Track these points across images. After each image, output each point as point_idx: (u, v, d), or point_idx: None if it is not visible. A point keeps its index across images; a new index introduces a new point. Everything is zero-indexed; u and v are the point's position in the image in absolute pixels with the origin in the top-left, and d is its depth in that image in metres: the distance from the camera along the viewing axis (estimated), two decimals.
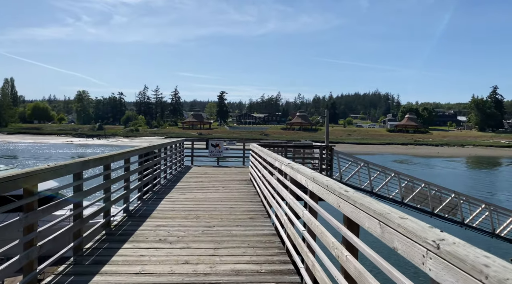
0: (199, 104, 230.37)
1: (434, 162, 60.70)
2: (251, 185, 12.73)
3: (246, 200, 10.19)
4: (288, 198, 5.75)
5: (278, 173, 7.11)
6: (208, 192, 11.30)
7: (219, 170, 17.38)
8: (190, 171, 16.43)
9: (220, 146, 19.32)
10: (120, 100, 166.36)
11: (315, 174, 4.30)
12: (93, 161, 6.14)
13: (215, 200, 10.12)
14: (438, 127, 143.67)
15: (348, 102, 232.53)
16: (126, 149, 8.61)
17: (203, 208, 9.04)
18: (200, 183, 13.20)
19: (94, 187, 6.38)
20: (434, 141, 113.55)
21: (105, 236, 6.51)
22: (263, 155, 9.62)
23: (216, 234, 6.80)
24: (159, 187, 11.97)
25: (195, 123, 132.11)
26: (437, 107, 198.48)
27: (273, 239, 6.57)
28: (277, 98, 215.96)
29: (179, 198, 10.31)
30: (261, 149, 10.52)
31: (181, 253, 5.71)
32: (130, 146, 61.66)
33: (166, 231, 6.88)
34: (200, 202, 9.78)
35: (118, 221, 7.54)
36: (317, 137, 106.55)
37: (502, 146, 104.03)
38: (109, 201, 7.12)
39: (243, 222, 7.72)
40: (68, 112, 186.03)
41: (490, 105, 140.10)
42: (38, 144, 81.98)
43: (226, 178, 14.64)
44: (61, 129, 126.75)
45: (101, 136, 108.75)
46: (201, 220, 7.81)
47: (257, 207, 9.29)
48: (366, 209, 2.57)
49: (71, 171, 5.31)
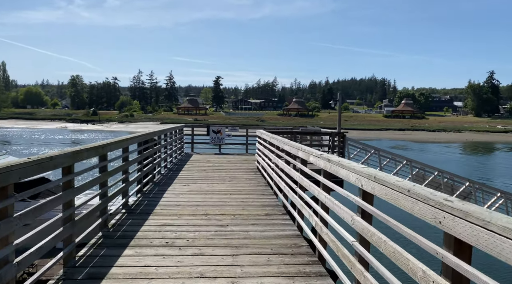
0: (194, 90, 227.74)
1: (432, 148, 60.10)
2: (260, 175, 11.78)
3: (258, 193, 9.23)
4: (322, 196, 4.79)
5: (301, 165, 6.15)
6: (214, 183, 10.35)
7: (222, 158, 16.39)
8: (191, 159, 15.44)
9: (222, 132, 18.28)
10: (114, 85, 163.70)
11: (371, 170, 3.34)
12: (86, 151, 5.13)
13: (223, 192, 9.16)
14: (435, 113, 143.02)
15: (345, 87, 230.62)
16: (124, 136, 7.60)
17: (212, 202, 8.08)
18: (204, 172, 12.22)
19: (88, 182, 5.37)
20: (431, 126, 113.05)
21: (102, 240, 5.54)
22: (278, 143, 8.64)
23: (231, 235, 5.85)
24: (160, 178, 10.99)
25: (190, 109, 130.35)
26: (433, 92, 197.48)
27: (299, 242, 5.63)
28: (273, 84, 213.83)
29: (183, 190, 9.34)
30: (273, 136, 9.53)
31: (194, 262, 4.75)
32: (126, 132, 60.59)
33: (173, 232, 5.92)
34: (207, 195, 8.81)
35: (116, 220, 6.57)
36: (313, 123, 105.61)
37: (499, 132, 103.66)
38: (106, 197, 6.14)
39: (260, 220, 6.77)
40: (61, 97, 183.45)
41: (487, 90, 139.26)
42: (31, 129, 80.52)
43: (231, 167, 13.67)
44: (55, 114, 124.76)
45: (95, 122, 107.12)
46: (211, 218, 6.85)
47: (271, 201, 8.34)
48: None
49: (58, 165, 4.32)
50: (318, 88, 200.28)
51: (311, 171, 5.60)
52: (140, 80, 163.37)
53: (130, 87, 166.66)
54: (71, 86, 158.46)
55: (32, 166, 3.65)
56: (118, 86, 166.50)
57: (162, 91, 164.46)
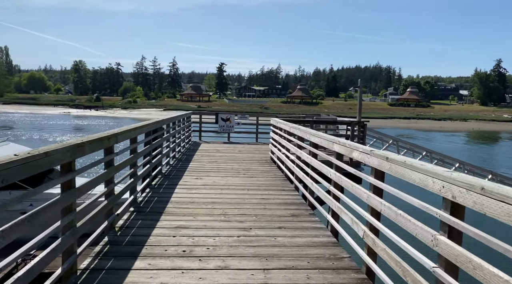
0: (197, 76, 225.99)
1: (438, 137, 59.07)
2: (275, 167, 10.97)
3: (277, 188, 8.41)
4: (374, 201, 3.95)
5: (337, 161, 5.33)
6: (229, 176, 9.56)
7: (232, 147, 15.57)
8: (200, 149, 14.62)
9: (231, 120, 17.40)
10: (117, 71, 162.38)
11: (470, 178, 2.50)
12: (89, 143, 4.29)
13: (240, 187, 8.35)
14: (440, 101, 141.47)
15: (349, 75, 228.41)
16: (132, 125, 6.74)
17: (228, 199, 7.27)
18: (215, 163, 11.41)
19: (92, 181, 4.56)
20: (436, 115, 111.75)
21: (108, 247, 4.75)
22: (302, 133, 7.80)
23: (257, 242, 5.05)
24: (169, 169, 10.19)
25: (193, 96, 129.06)
26: (439, 80, 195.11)
27: (338, 252, 4.81)
28: (277, 71, 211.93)
29: (195, 184, 8.53)
30: (295, 126, 8.66)
31: (219, 279, 3.94)
32: (129, 118, 59.97)
33: (190, 237, 5.12)
34: (222, 190, 8.01)
35: (124, 220, 5.76)
36: (318, 111, 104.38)
37: (505, 121, 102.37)
38: (113, 196, 5.33)
39: (286, 222, 5.96)
40: (64, 82, 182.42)
41: (494, 78, 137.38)
42: (34, 114, 79.79)
43: (244, 157, 12.88)
44: (58, 99, 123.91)
45: (98, 108, 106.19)
46: (231, 218, 6.05)
47: (294, 199, 7.53)
48: None
49: (55, 162, 3.50)
50: (322, 76, 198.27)
51: (351, 168, 4.78)
52: (143, 66, 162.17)
53: (133, 73, 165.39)
54: (74, 72, 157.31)
55: (19, 166, 2.83)
56: (121, 72, 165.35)
57: (165, 78, 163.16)
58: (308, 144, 7.32)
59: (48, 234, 3.42)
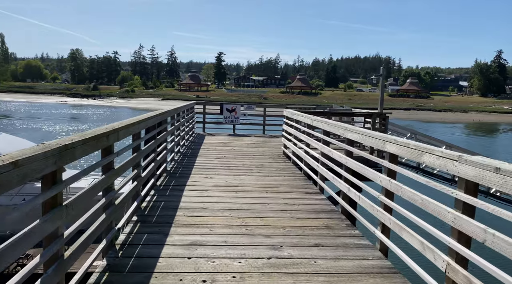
0: (195, 66, 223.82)
1: (440, 128, 58.10)
2: (291, 164, 9.98)
3: (300, 190, 7.38)
4: (471, 227, 2.93)
5: (391, 164, 4.30)
6: (241, 174, 8.53)
7: (239, 140, 14.54)
8: (205, 142, 13.59)
9: (237, 111, 16.35)
10: (114, 59, 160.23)
11: None
12: (81, 144, 3.23)
13: (257, 188, 7.32)
14: (440, 92, 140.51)
15: (348, 65, 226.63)
16: (134, 118, 5.67)
17: (247, 204, 6.22)
18: (224, 159, 10.43)
19: (86, 192, 3.51)
20: (436, 106, 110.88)
21: (107, 276, 3.72)
22: (332, 129, 6.74)
23: (294, 267, 4.01)
24: (174, 166, 9.15)
25: (192, 85, 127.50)
26: (438, 71, 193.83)
27: (398, 282, 3.80)
28: (276, 61, 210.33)
29: (206, 184, 7.49)
30: (320, 119, 7.57)
31: None
32: (127, 107, 58.78)
33: (209, 259, 4.09)
34: (237, 192, 6.98)
35: (126, 235, 4.73)
36: (317, 101, 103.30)
37: (506, 112, 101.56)
38: (112, 207, 4.29)
39: (322, 238, 4.91)
40: (61, 71, 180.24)
41: (494, 70, 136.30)
42: (30, 103, 78.40)
43: (253, 152, 11.90)
44: (55, 88, 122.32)
45: (96, 97, 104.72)
46: (254, 231, 5.02)
47: (322, 204, 6.48)
48: None
49: (30, 174, 2.45)
50: (322, 66, 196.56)
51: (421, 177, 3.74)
52: (141, 55, 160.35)
53: (131, 62, 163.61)
54: (71, 60, 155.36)
55: None
56: (118, 60, 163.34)
57: (164, 67, 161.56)
58: (337, 140, 6.29)
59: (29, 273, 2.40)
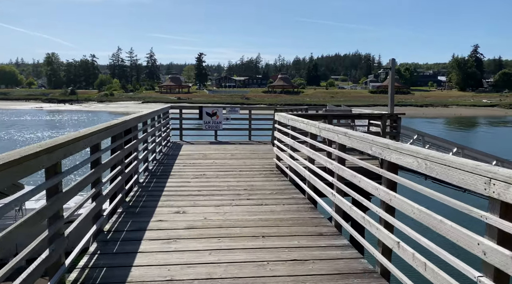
0: (176, 67, 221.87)
1: (422, 124, 58.34)
2: (288, 182, 8.21)
3: (309, 230, 5.33)
4: None
5: None
6: (226, 204, 6.44)
7: (221, 149, 12.73)
8: (181, 153, 11.77)
9: (219, 115, 14.69)
10: (92, 63, 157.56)
11: None
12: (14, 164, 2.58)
13: (248, 230, 5.26)
14: (420, 88, 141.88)
15: (329, 63, 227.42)
16: (93, 127, 4.95)
17: (235, 267, 4.11)
18: (203, 178, 8.57)
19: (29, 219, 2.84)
20: (417, 101, 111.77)
21: None
22: (355, 143, 5.51)
23: None
24: (136, 193, 7.13)
25: (173, 87, 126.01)
26: (417, 67, 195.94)
27: None
28: (257, 60, 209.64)
29: (176, 226, 5.36)
30: (332, 128, 6.16)
31: None
32: (106, 112, 57.40)
33: None
34: (220, 240, 4.87)
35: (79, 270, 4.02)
36: (300, 100, 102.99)
37: (485, 106, 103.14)
38: (61, 238, 3.62)
39: None
40: (37, 76, 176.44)
41: (471, 64, 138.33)
42: (3, 110, 76.09)
43: (240, 165, 10.00)
44: (30, 94, 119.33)
45: (73, 102, 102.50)
46: None
47: (347, 257, 4.43)
48: None
49: None
50: (303, 64, 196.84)
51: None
52: (120, 58, 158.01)
53: (109, 65, 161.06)
54: (46, 65, 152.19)
55: None
56: (96, 64, 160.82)
57: (143, 69, 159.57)
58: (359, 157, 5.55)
59: None
